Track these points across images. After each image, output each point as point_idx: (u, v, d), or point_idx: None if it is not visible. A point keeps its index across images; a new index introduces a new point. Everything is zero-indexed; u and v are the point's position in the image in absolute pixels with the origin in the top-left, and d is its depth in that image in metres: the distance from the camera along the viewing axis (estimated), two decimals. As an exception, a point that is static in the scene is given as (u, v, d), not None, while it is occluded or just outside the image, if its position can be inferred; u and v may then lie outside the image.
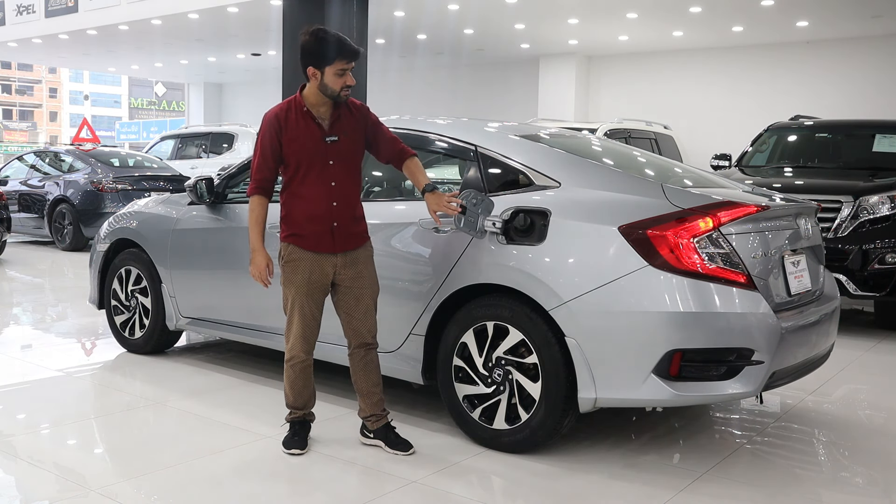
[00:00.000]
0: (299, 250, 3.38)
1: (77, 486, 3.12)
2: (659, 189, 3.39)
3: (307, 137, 3.32)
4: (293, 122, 3.33)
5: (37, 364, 5.08)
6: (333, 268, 3.40)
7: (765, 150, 8.10)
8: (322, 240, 3.36)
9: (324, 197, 3.35)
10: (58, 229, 11.52)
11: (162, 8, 14.63)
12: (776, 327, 3.24)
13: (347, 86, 3.30)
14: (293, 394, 3.54)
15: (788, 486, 3.27)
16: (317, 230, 3.36)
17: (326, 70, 3.25)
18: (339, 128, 3.38)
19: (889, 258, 6.12)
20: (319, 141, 3.33)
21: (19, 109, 75.50)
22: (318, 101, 3.35)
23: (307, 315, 3.42)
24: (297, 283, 3.38)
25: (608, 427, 3.90)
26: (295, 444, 3.50)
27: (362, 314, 3.48)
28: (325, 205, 3.35)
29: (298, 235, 3.37)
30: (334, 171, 3.36)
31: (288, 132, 3.32)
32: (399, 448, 3.49)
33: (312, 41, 3.26)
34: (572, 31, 14.62)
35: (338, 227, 3.37)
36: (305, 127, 3.33)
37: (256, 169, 3.39)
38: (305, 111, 3.34)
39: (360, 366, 3.54)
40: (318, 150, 3.33)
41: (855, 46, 14.08)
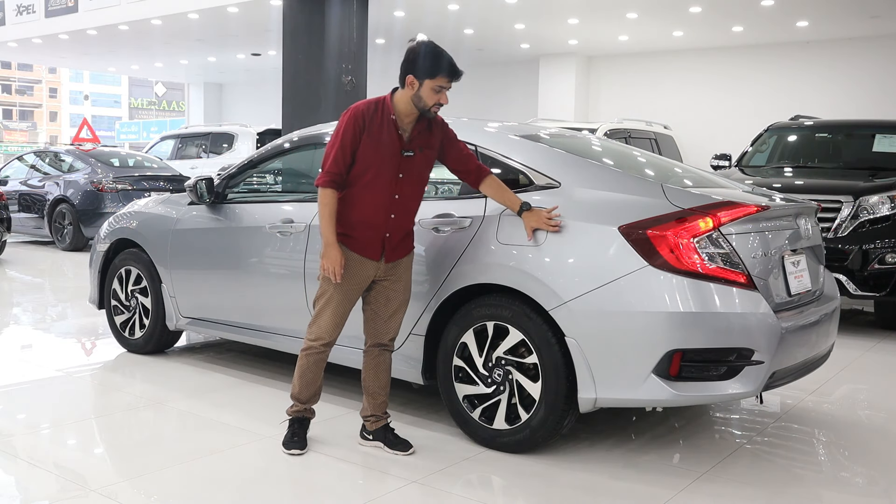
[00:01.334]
0: (347, 251, 3.35)
1: (77, 486, 3.12)
2: (659, 189, 3.39)
3: (387, 145, 3.28)
4: (377, 124, 3.28)
5: (37, 364, 5.08)
6: (375, 271, 3.41)
7: (765, 150, 8.10)
8: (371, 246, 3.36)
9: (384, 207, 3.33)
10: (58, 229, 11.52)
11: (162, 8, 14.63)
12: (776, 327, 3.24)
13: (440, 104, 3.31)
14: (301, 384, 3.51)
15: (788, 486, 3.27)
16: (369, 237, 3.34)
17: (426, 82, 3.25)
18: (417, 143, 3.36)
19: (889, 258, 6.12)
20: (396, 153, 3.30)
21: (19, 109, 75.50)
22: (406, 111, 3.32)
23: (340, 313, 3.41)
24: (340, 281, 3.34)
25: (608, 427, 3.90)
26: (295, 444, 3.50)
27: (388, 316, 3.49)
28: (384, 215, 3.33)
29: (349, 237, 3.34)
30: (401, 185, 3.34)
31: (370, 133, 3.27)
32: (399, 448, 3.50)
33: (422, 50, 3.26)
34: (572, 31, 14.62)
35: (389, 239, 3.37)
36: (388, 134, 3.29)
37: (333, 161, 3.28)
38: (392, 119, 3.30)
39: (371, 364, 3.55)
40: (392, 161, 3.30)
41: (854, 46, 14.08)
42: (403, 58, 3.30)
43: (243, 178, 4.81)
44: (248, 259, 4.46)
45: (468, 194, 3.74)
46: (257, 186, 5.58)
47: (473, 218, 3.62)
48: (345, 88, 11.21)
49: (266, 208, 4.53)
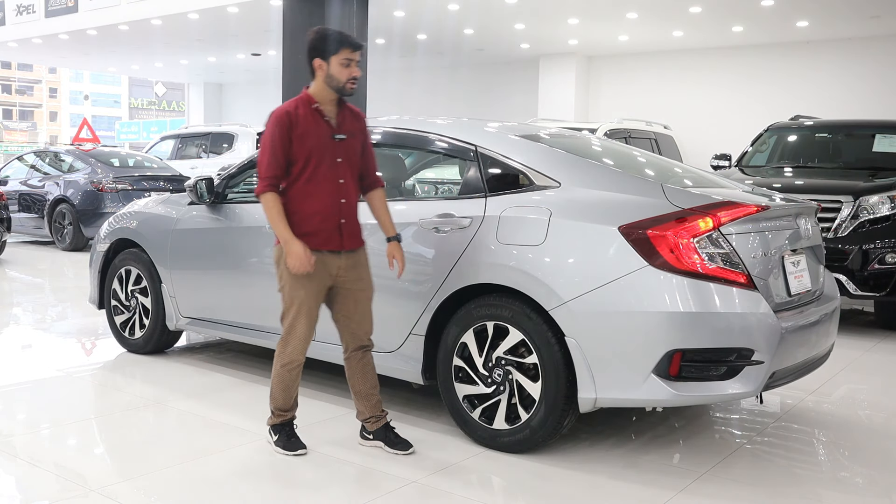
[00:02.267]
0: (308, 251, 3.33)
1: (77, 486, 3.12)
2: (659, 189, 3.39)
3: (318, 134, 3.33)
4: (303, 118, 3.33)
5: (37, 364, 5.08)
6: (337, 269, 3.40)
7: (765, 150, 8.10)
8: (331, 237, 3.36)
9: (333, 193, 3.36)
10: (58, 229, 11.52)
11: (162, 8, 14.63)
12: (776, 327, 3.24)
13: (353, 77, 3.33)
14: (285, 396, 3.48)
15: (788, 486, 3.27)
16: (327, 227, 3.35)
17: (332, 60, 3.30)
18: (345, 128, 3.41)
19: (889, 258, 6.12)
20: (329, 138, 3.35)
21: (19, 109, 75.49)
22: (325, 98, 3.37)
23: (313, 318, 3.41)
24: (307, 285, 3.34)
25: (608, 427, 3.90)
26: (294, 444, 3.47)
27: (361, 317, 3.49)
28: (335, 201, 3.36)
29: (307, 234, 3.33)
30: (342, 169, 3.38)
31: (298, 128, 3.31)
32: (399, 447, 3.49)
33: (317, 36, 3.35)
34: (572, 31, 14.62)
35: (345, 225, 3.39)
36: (315, 123, 3.34)
37: (266, 166, 3.30)
38: (315, 108, 3.35)
39: (357, 368, 3.54)
40: (328, 147, 3.35)
41: (854, 46, 14.08)
42: (306, 51, 3.36)
43: (243, 178, 4.81)
44: (248, 259, 4.46)
45: (468, 194, 3.74)
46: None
47: (473, 218, 3.62)
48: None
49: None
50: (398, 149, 4.48)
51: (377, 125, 4.36)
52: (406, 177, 4.65)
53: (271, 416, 3.55)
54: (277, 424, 3.52)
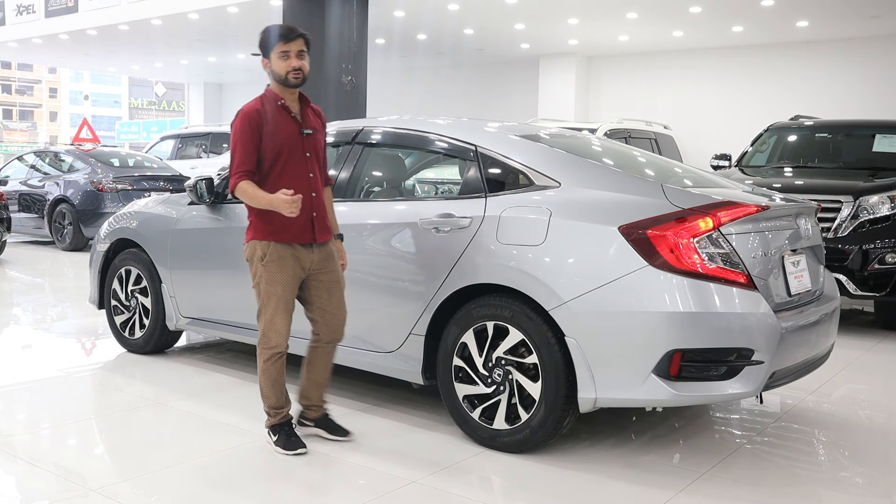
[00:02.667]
0: (282, 247, 3.39)
1: (77, 486, 3.12)
2: (659, 189, 3.39)
3: (287, 129, 3.40)
4: (270, 114, 3.38)
5: (37, 364, 5.08)
6: (310, 263, 3.46)
7: (765, 150, 8.10)
8: (304, 231, 3.42)
9: (305, 186, 3.41)
10: (58, 229, 11.51)
11: (162, 8, 14.63)
12: (776, 327, 3.24)
13: (294, 68, 3.36)
14: (275, 392, 3.51)
15: (788, 486, 3.27)
16: (300, 221, 3.39)
17: (272, 56, 3.37)
18: (309, 124, 3.49)
19: (889, 258, 6.12)
20: (297, 133, 3.43)
21: (19, 109, 75.48)
22: (286, 95, 3.44)
23: (290, 311, 3.46)
24: (283, 280, 3.39)
25: (608, 427, 3.90)
26: (294, 443, 3.47)
27: (335, 307, 3.55)
28: (307, 195, 3.40)
29: (281, 230, 3.37)
30: (311, 164, 3.46)
31: (268, 125, 3.36)
32: (338, 434, 3.61)
33: (260, 37, 3.43)
34: (572, 31, 14.62)
35: (317, 218, 3.46)
36: (283, 119, 3.40)
37: (238, 163, 3.35)
38: (281, 104, 3.41)
39: (323, 359, 3.62)
40: (297, 141, 3.42)
41: (854, 46, 14.09)
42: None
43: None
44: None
45: (468, 194, 3.74)
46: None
47: (473, 218, 3.62)
48: (345, 88, 11.23)
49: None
50: (398, 149, 4.48)
51: (377, 125, 4.36)
52: (406, 177, 4.65)
53: (267, 417, 3.56)
54: (276, 424, 3.53)
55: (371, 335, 3.96)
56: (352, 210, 4.14)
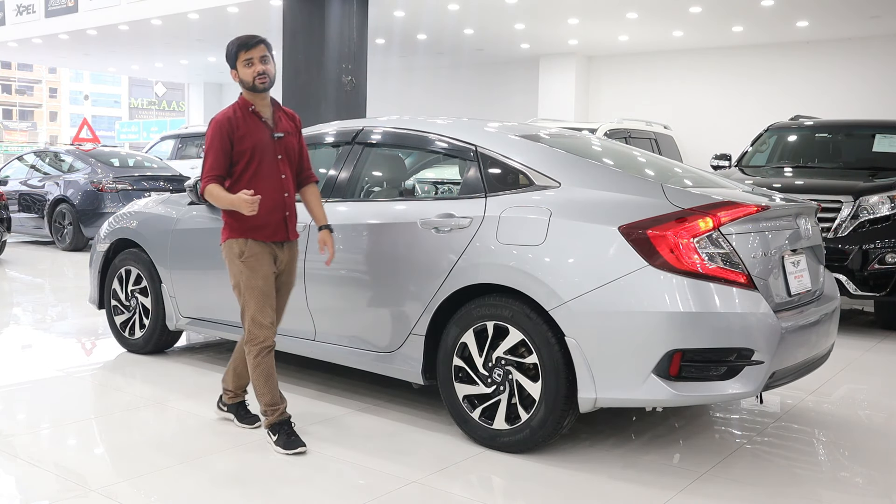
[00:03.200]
0: (258, 244, 3.53)
1: (77, 486, 3.12)
2: (659, 189, 3.39)
3: (259, 133, 3.55)
4: (242, 120, 3.54)
5: (37, 364, 5.08)
6: (281, 262, 3.64)
7: (765, 150, 8.10)
8: (278, 229, 3.58)
9: (278, 187, 3.57)
10: (58, 229, 11.52)
11: (162, 8, 14.63)
12: (776, 327, 3.24)
13: (259, 73, 3.53)
14: (269, 389, 3.59)
15: (788, 486, 3.27)
16: (274, 220, 3.55)
17: (238, 66, 3.55)
18: (281, 127, 3.64)
19: (889, 258, 6.12)
20: (269, 137, 3.58)
21: (19, 109, 75.48)
22: (256, 101, 3.60)
23: (272, 303, 3.59)
24: (264, 273, 3.54)
25: (608, 427, 3.90)
26: (294, 442, 3.49)
27: (280, 303, 3.73)
28: (280, 195, 3.57)
29: (257, 228, 3.52)
30: (283, 165, 3.61)
31: (239, 131, 3.51)
32: (247, 421, 3.78)
33: (226, 51, 3.61)
34: (572, 31, 14.62)
35: (289, 217, 3.63)
36: (254, 124, 3.56)
37: (209, 168, 3.49)
38: (252, 111, 3.58)
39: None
40: (269, 145, 3.56)
41: (854, 46, 14.09)
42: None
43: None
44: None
45: (468, 194, 3.74)
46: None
47: (473, 218, 3.62)
48: (345, 88, 11.22)
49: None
50: (398, 149, 4.48)
51: (377, 125, 4.36)
52: (406, 177, 4.65)
53: (265, 416, 3.59)
54: (275, 423, 3.56)
55: (371, 335, 3.96)
56: (352, 210, 4.15)
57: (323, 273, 4.13)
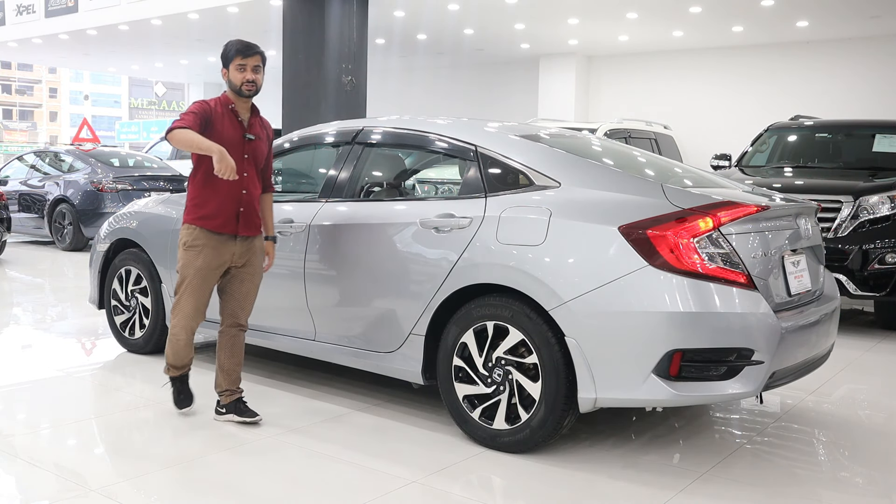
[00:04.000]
0: (204, 234, 3.70)
1: (77, 486, 3.12)
2: (659, 189, 3.39)
3: (231, 130, 3.72)
4: (220, 114, 3.72)
5: (37, 364, 5.08)
6: (231, 255, 3.77)
7: (765, 150, 8.10)
8: (229, 222, 3.73)
9: (237, 184, 3.71)
10: (58, 229, 11.51)
11: (162, 8, 14.63)
12: (776, 327, 3.24)
13: (248, 80, 3.71)
14: (175, 357, 3.88)
15: (788, 486, 3.27)
16: (226, 212, 3.72)
17: (230, 67, 3.73)
18: (254, 130, 3.82)
19: (889, 258, 6.12)
20: (240, 136, 3.75)
21: (19, 109, 75.48)
22: (235, 99, 3.77)
23: (201, 297, 3.77)
24: (197, 266, 3.71)
25: (608, 427, 3.90)
26: (183, 401, 3.94)
27: (242, 296, 3.86)
28: (237, 191, 3.73)
29: (207, 217, 3.70)
30: (247, 165, 3.77)
31: (214, 121, 3.69)
32: (247, 415, 3.83)
33: (223, 49, 3.78)
34: (572, 31, 14.62)
35: (243, 213, 3.76)
36: (230, 121, 3.74)
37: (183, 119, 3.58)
38: (231, 108, 3.76)
39: (228, 344, 3.90)
40: (238, 142, 3.73)
41: (854, 46, 14.08)
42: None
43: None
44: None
45: (468, 194, 3.74)
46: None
47: (473, 218, 3.62)
48: (345, 88, 11.22)
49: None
50: (398, 149, 4.48)
51: (377, 125, 4.36)
52: (406, 177, 4.65)
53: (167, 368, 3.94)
54: (175, 378, 3.95)
55: (371, 335, 3.96)
56: (352, 210, 4.15)
57: (323, 273, 4.14)
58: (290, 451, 3.53)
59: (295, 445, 3.59)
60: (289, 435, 3.72)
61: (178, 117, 3.64)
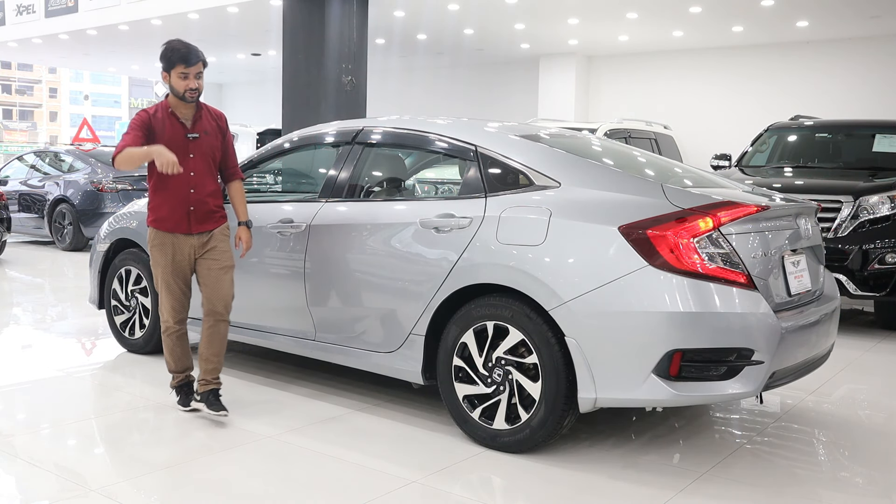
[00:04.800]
0: (162, 234, 3.88)
1: (77, 486, 3.12)
2: (659, 189, 3.39)
3: (172, 133, 3.83)
4: (160, 119, 3.85)
5: (37, 364, 5.08)
6: (192, 248, 3.91)
7: (765, 150, 8.10)
8: (181, 222, 3.87)
9: (183, 185, 3.85)
10: (58, 229, 11.51)
11: (162, 8, 14.62)
12: (776, 327, 3.24)
13: (191, 88, 3.81)
14: (174, 360, 4.02)
15: (788, 486, 3.27)
16: (177, 213, 3.86)
17: (172, 73, 3.83)
18: (199, 127, 3.90)
19: (889, 258, 6.12)
20: (182, 137, 3.85)
21: (19, 109, 75.45)
22: (176, 103, 3.88)
23: (175, 290, 3.94)
24: (162, 263, 3.90)
25: (608, 427, 3.90)
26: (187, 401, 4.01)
27: (213, 282, 3.94)
28: (185, 192, 3.85)
29: (161, 220, 3.87)
30: (194, 164, 3.87)
31: (155, 128, 3.81)
32: (214, 409, 3.88)
33: (163, 51, 3.84)
34: (572, 31, 14.61)
35: (194, 211, 3.88)
36: (170, 125, 3.85)
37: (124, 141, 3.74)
38: (170, 112, 3.87)
39: (206, 334, 3.97)
40: (180, 144, 3.82)
41: (854, 46, 14.08)
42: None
43: (243, 178, 4.81)
44: (248, 259, 4.46)
45: (468, 194, 3.74)
46: (257, 186, 5.58)
47: (473, 218, 3.62)
48: (345, 88, 11.21)
49: (266, 208, 4.53)
50: (398, 149, 4.48)
51: (377, 125, 4.36)
52: (406, 177, 4.65)
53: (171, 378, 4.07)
54: (177, 386, 4.05)
55: (371, 335, 3.96)
56: (352, 210, 4.15)
57: (323, 273, 4.14)
58: (290, 450, 3.53)
59: (295, 445, 3.59)
60: (289, 435, 3.72)
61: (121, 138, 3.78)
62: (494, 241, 3.51)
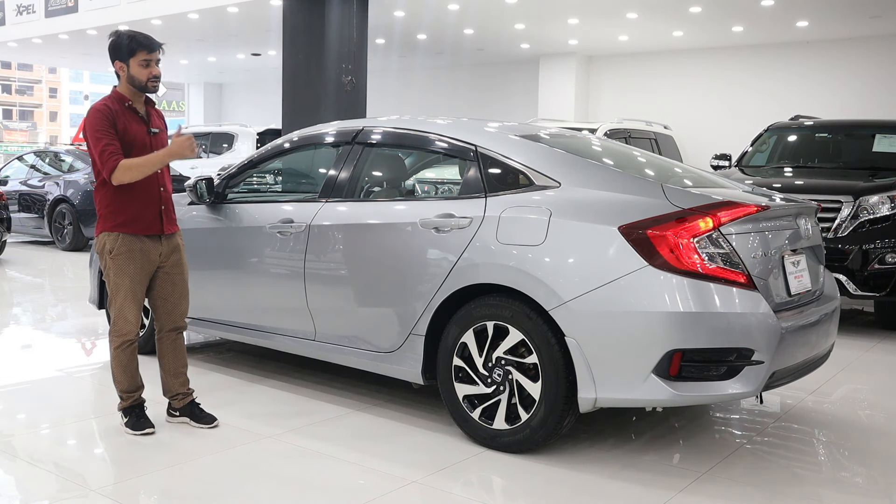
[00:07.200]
0: (130, 240, 3.58)
1: (77, 486, 3.12)
2: (659, 189, 3.39)
3: (136, 128, 3.60)
4: (121, 113, 3.58)
5: (37, 364, 5.08)
6: (159, 255, 3.69)
7: (765, 150, 8.10)
8: (153, 223, 3.65)
9: (153, 183, 3.64)
10: (58, 229, 11.52)
11: (162, 8, 14.62)
12: (776, 327, 3.24)
13: (154, 76, 3.61)
14: (128, 378, 3.72)
15: (788, 486, 3.27)
16: (149, 213, 3.63)
17: (131, 62, 3.58)
18: (154, 123, 3.72)
19: (889, 258, 6.12)
20: (145, 132, 3.64)
21: (19, 109, 75.44)
22: (134, 97, 3.64)
23: (139, 299, 3.67)
24: (131, 272, 3.60)
25: (608, 427, 3.90)
26: (144, 423, 3.71)
27: (178, 297, 3.80)
28: (155, 190, 3.65)
29: (128, 223, 3.57)
30: None
31: (119, 124, 3.54)
32: (204, 422, 3.77)
33: (115, 39, 3.63)
34: (572, 31, 14.61)
35: (165, 211, 3.70)
36: (132, 119, 3.61)
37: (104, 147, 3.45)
38: (129, 105, 3.61)
39: (170, 348, 3.85)
40: (145, 140, 3.62)
41: (854, 46, 14.08)
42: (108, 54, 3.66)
43: (243, 178, 4.81)
44: (248, 259, 4.46)
45: (468, 194, 3.74)
46: (257, 186, 5.59)
47: (473, 218, 3.62)
48: (345, 88, 11.21)
49: (266, 208, 4.53)
50: (398, 149, 4.48)
51: (377, 125, 4.36)
52: (406, 177, 4.65)
53: (120, 400, 3.76)
54: (127, 407, 3.75)
55: (371, 335, 3.96)
56: (352, 210, 4.15)
57: (323, 273, 4.14)
58: (290, 450, 3.53)
59: (295, 445, 3.59)
60: (289, 435, 3.72)
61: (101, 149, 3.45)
62: (494, 241, 3.51)
